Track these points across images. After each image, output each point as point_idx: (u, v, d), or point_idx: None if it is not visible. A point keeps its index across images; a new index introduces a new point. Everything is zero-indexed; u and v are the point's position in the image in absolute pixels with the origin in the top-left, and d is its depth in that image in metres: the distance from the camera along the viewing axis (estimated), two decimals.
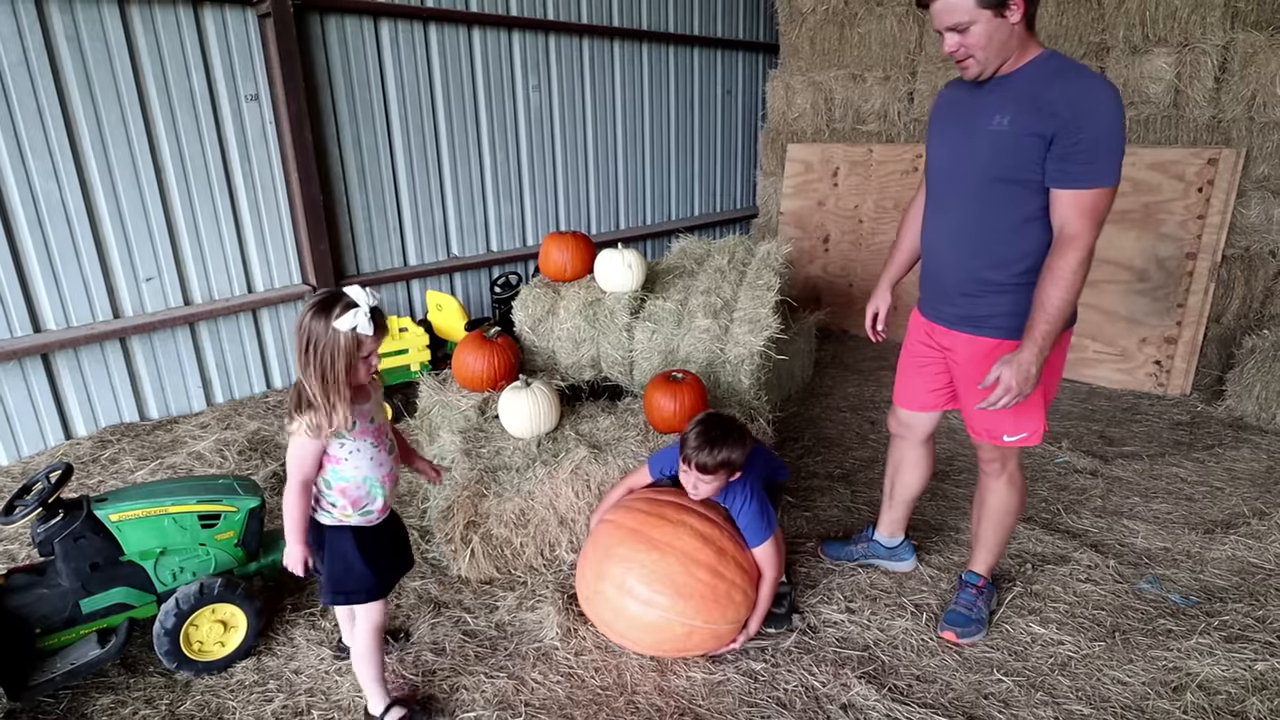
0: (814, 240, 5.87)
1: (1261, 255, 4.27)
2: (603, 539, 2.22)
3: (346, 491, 1.82)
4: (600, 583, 2.17)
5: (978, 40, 1.81)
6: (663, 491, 2.30)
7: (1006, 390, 1.88)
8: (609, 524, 2.25)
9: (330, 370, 1.67)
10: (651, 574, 2.08)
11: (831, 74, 5.84)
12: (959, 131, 2.01)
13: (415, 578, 2.63)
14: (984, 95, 1.93)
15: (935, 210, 2.15)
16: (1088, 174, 1.79)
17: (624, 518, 2.22)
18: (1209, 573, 2.64)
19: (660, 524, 2.14)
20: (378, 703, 1.99)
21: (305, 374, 1.68)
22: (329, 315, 1.66)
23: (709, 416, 2.17)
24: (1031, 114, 1.80)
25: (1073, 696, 2.09)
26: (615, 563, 2.14)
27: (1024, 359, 1.86)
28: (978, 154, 1.94)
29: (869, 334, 2.43)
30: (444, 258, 5.15)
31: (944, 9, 1.80)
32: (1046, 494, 3.21)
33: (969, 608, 2.34)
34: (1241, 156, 4.09)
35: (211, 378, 4.19)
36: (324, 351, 1.66)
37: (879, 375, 4.75)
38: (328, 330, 1.65)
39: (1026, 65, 1.87)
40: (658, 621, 2.10)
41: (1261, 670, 2.15)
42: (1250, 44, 4.08)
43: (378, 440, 1.86)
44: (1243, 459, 3.48)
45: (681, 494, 2.24)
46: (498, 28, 5.06)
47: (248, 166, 4.09)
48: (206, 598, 2.14)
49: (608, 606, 2.16)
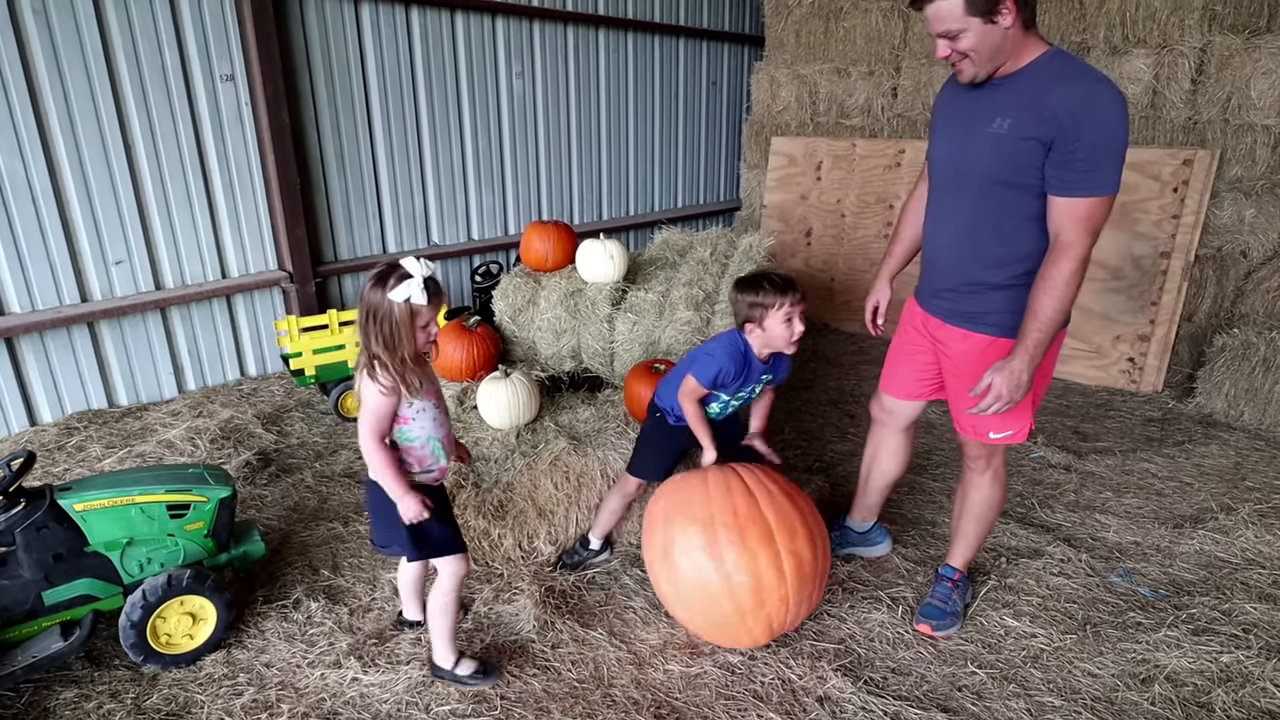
0: (796, 234, 5.87)
1: (1233, 255, 4.33)
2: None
3: (411, 451, 1.90)
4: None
5: (970, 46, 1.80)
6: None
7: (998, 398, 1.89)
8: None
9: (391, 338, 1.76)
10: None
11: (816, 67, 5.83)
12: (959, 131, 2.00)
13: (391, 569, 2.60)
14: (984, 96, 1.91)
15: (936, 206, 2.15)
16: (1085, 182, 1.77)
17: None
18: (1177, 566, 2.68)
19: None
20: (447, 655, 2.06)
21: (369, 343, 1.78)
22: (385, 286, 1.74)
23: (745, 279, 2.22)
24: (1031, 118, 1.78)
25: (1044, 688, 2.11)
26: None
27: (1015, 367, 1.87)
28: (977, 156, 1.93)
29: (869, 327, 2.43)
30: (424, 245, 5.08)
31: (934, 16, 1.79)
32: (1022, 488, 3.25)
33: (944, 601, 2.36)
34: (1216, 158, 4.15)
35: (183, 364, 4.11)
36: (383, 321, 1.76)
37: (859, 369, 4.77)
38: (384, 301, 1.74)
39: (1028, 66, 1.83)
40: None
41: (1227, 662, 2.19)
42: (1227, 47, 4.13)
43: (438, 402, 1.94)
44: (1211, 455, 3.55)
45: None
46: (481, 13, 4.99)
47: (222, 148, 4.00)
48: (175, 589, 2.09)
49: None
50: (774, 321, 2.16)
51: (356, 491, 3.15)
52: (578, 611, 2.42)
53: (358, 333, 1.82)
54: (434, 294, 1.78)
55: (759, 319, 2.17)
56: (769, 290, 2.14)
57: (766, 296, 2.14)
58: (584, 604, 2.46)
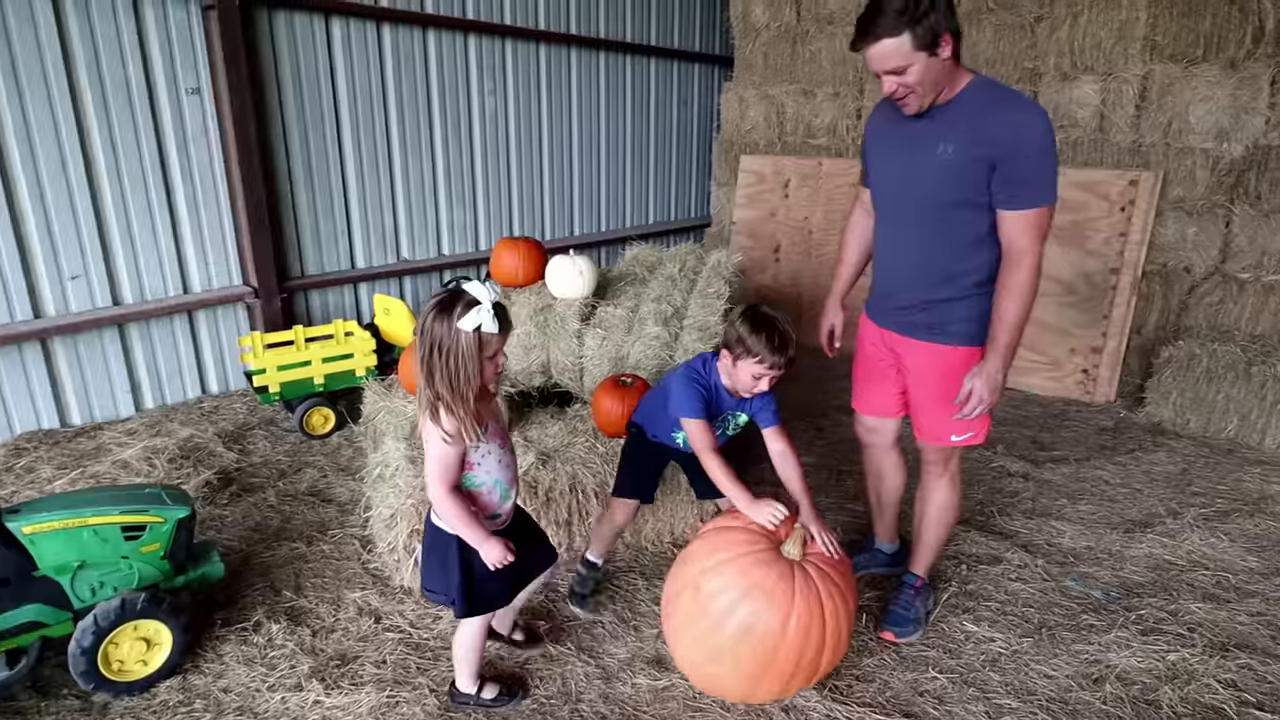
0: (765, 250, 5.97)
1: (1177, 271, 4.51)
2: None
3: (478, 497, 1.79)
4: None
5: (917, 80, 1.87)
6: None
7: (980, 400, 1.98)
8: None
9: (458, 375, 1.60)
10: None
11: (783, 88, 5.97)
12: (903, 158, 2.07)
13: (356, 588, 2.58)
14: (924, 124, 1.99)
15: (888, 229, 2.22)
16: (1030, 195, 1.89)
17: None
18: (1128, 570, 2.77)
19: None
20: (470, 683, 2.03)
21: (432, 381, 1.62)
22: (451, 315, 1.58)
23: (757, 314, 2.04)
24: (975, 142, 1.89)
25: (1002, 691, 2.17)
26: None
27: (991, 370, 1.97)
28: (926, 181, 2.02)
29: (825, 349, 2.48)
30: (394, 261, 5.06)
31: (881, 56, 1.85)
32: (982, 497, 3.33)
33: (907, 608, 2.40)
34: (1159, 179, 4.34)
35: (141, 382, 4.03)
36: (449, 355, 1.59)
37: (826, 383, 4.85)
38: (451, 331, 1.59)
39: (961, 93, 1.94)
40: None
41: (1173, 660, 2.28)
42: (1167, 75, 4.33)
43: (503, 441, 1.82)
44: (1160, 462, 3.67)
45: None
46: (454, 31, 5.02)
47: (186, 162, 3.96)
48: (129, 614, 2.03)
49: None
50: (746, 367, 2.05)
51: (321, 510, 3.11)
52: (546, 628, 2.41)
53: (419, 370, 1.64)
54: (504, 321, 1.64)
55: (737, 355, 2.06)
56: (761, 342, 2.00)
57: (756, 345, 2.00)
58: (552, 620, 2.46)
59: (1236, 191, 4.27)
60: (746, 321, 2.03)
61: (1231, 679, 2.21)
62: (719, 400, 2.18)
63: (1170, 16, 4.30)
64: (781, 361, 2.02)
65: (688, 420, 2.11)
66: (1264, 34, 4.11)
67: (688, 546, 2.07)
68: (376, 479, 2.83)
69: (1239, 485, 3.44)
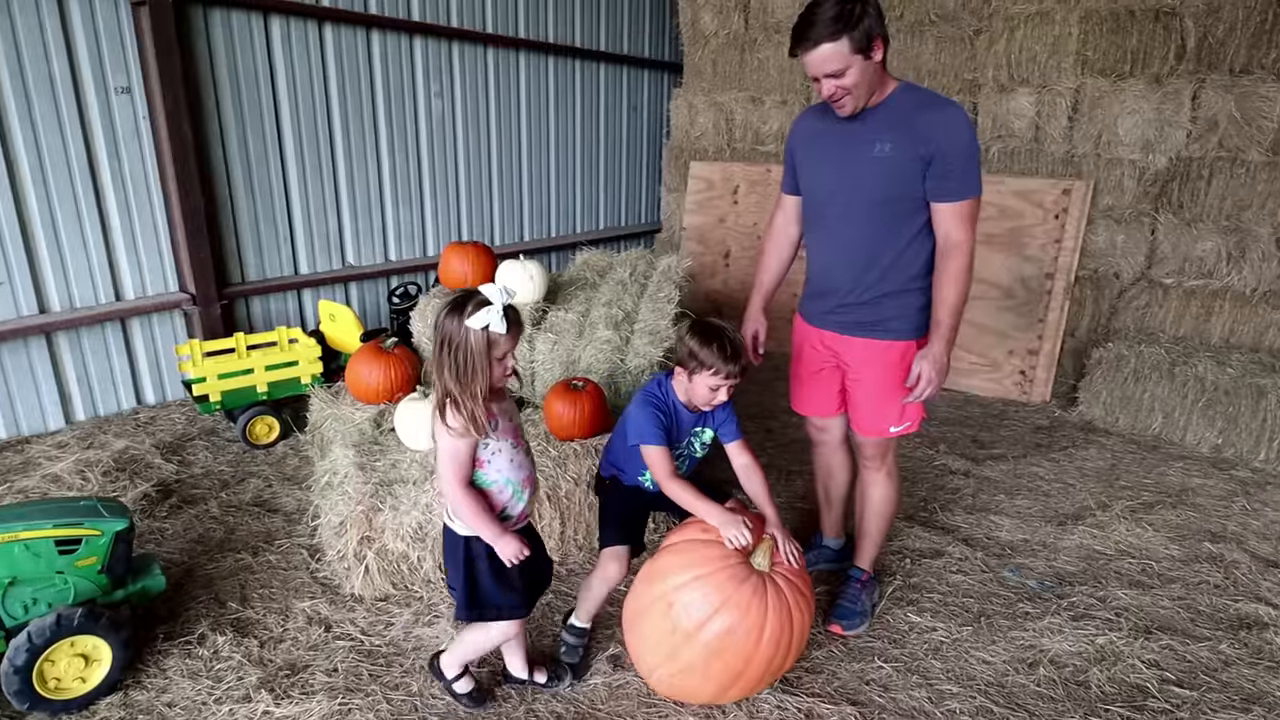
0: (715, 255, 6.05)
1: (1107, 276, 4.74)
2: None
3: (489, 496, 1.80)
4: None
5: (853, 82, 1.97)
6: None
7: (929, 382, 2.07)
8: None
9: (465, 370, 1.66)
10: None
11: (732, 95, 6.07)
12: (840, 158, 2.15)
13: (305, 598, 2.52)
14: (856, 126, 2.09)
15: (822, 231, 2.29)
16: (962, 188, 2.02)
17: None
18: (1060, 560, 2.91)
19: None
20: (454, 666, 2.03)
21: (440, 374, 1.68)
22: (462, 313, 1.64)
23: (705, 326, 2.04)
24: (910, 140, 2.01)
25: (944, 677, 2.25)
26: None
27: (937, 353, 2.07)
28: (864, 180, 2.10)
29: (750, 356, 2.41)
30: (339, 266, 4.97)
31: (820, 60, 1.94)
32: (925, 494, 3.44)
33: (853, 601, 2.48)
34: (1090, 188, 4.55)
35: (71, 393, 3.86)
36: (458, 351, 1.65)
37: (775, 385, 4.93)
38: (461, 329, 1.64)
39: (890, 96, 2.07)
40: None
41: (1101, 644, 2.40)
42: (1097, 88, 4.55)
43: (515, 441, 1.83)
44: (1091, 458, 3.86)
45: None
46: (398, 32, 4.96)
47: (117, 164, 3.82)
48: (65, 630, 1.96)
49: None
50: (702, 380, 2.04)
51: (266, 520, 3.03)
52: None
53: (431, 367, 1.69)
54: (514, 323, 1.68)
55: (691, 369, 2.04)
56: (713, 353, 1.99)
57: (708, 356, 1.99)
58: None
59: (1161, 201, 4.50)
60: (695, 335, 2.03)
61: (1154, 659, 2.34)
62: (679, 420, 2.14)
63: (1100, 33, 4.50)
64: (735, 369, 2.03)
65: (647, 448, 2.05)
66: (1185, 51, 4.34)
67: (655, 560, 2.06)
68: (325, 487, 2.77)
69: (1163, 479, 3.63)
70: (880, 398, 2.26)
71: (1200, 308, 4.38)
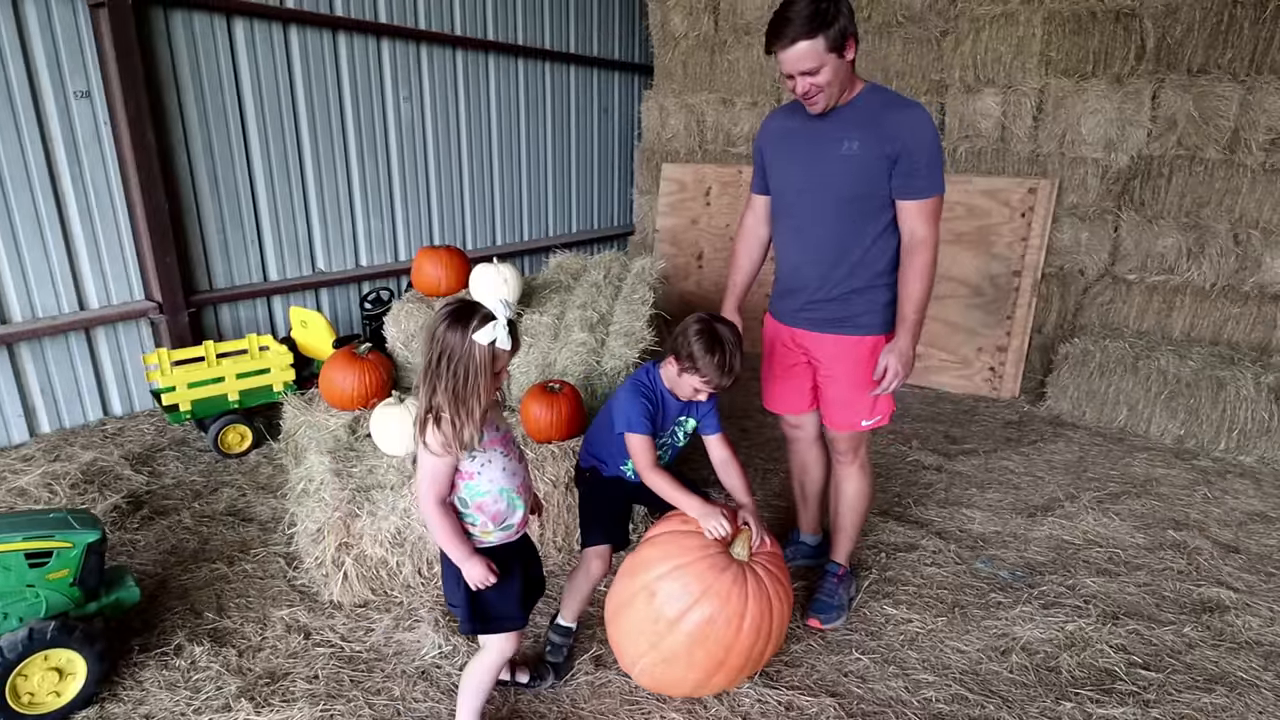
0: (688, 257, 6.09)
1: (1073, 273, 4.86)
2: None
3: (484, 507, 1.75)
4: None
5: (827, 80, 2.01)
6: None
7: (895, 375, 2.12)
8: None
9: (464, 385, 1.60)
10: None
11: (703, 97, 6.10)
12: (809, 156, 2.19)
13: (283, 606, 2.50)
14: (824, 124, 2.14)
15: (792, 230, 2.32)
16: (927, 186, 2.08)
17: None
18: (1031, 551, 2.98)
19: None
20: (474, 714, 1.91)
21: (436, 387, 1.61)
22: (466, 327, 1.58)
23: (713, 335, 2.02)
24: (877, 139, 2.06)
25: (920, 667, 2.30)
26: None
27: (903, 346, 2.12)
28: (832, 177, 2.14)
29: None
30: (309, 273, 4.91)
31: (797, 57, 1.98)
32: (899, 489, 3.50)
33: (831, 595, 2.51)
34: (1055, 186, 4.66)
35: (35, 405, 3.77)
36: (459, 365, 1.59)
37: (749, 385, 4.94)
38: (464, 342, 1.59)
39: (858, 96, 2.12)
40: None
41: (1071, 630, 2.47)
42: (1061, 89, 4.66)
43: (506, 449, 1.79)
44: (1059, 451, 3.95)
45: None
46: (365, 35, 4.92)
47: (78, 170, 3.74)
48: (38, 644, 1.93)
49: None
50: (689, 380, 2.06)
51: (241, 530, 2.99)
52: None
53: (420, 380, 1.64)
54: (515, 338, 1.65)
55: (683, 367, 2.05)
56: (711, 364, 2.00)
57: (706, 366, 2.01)
58: None
59: (1123, 199, 4.62)
60: (701, 340, 2.02)
61: (1122, 644, 2.41)
62: (665, 408, 2.16)
63: (1063, 34, 4.61)
64: (727, 385, 2.05)
65: (632, 436, 2.07)
66: (1145, 52, 4.46)
67: (636, 553, 2.08)
68: (301, 494, 2.75)
69: (1128, 470, 3.74)
70: (852, 392, 2.31)
71: (1162, 303, 4.50)
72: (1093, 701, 2.16)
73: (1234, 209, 4.27)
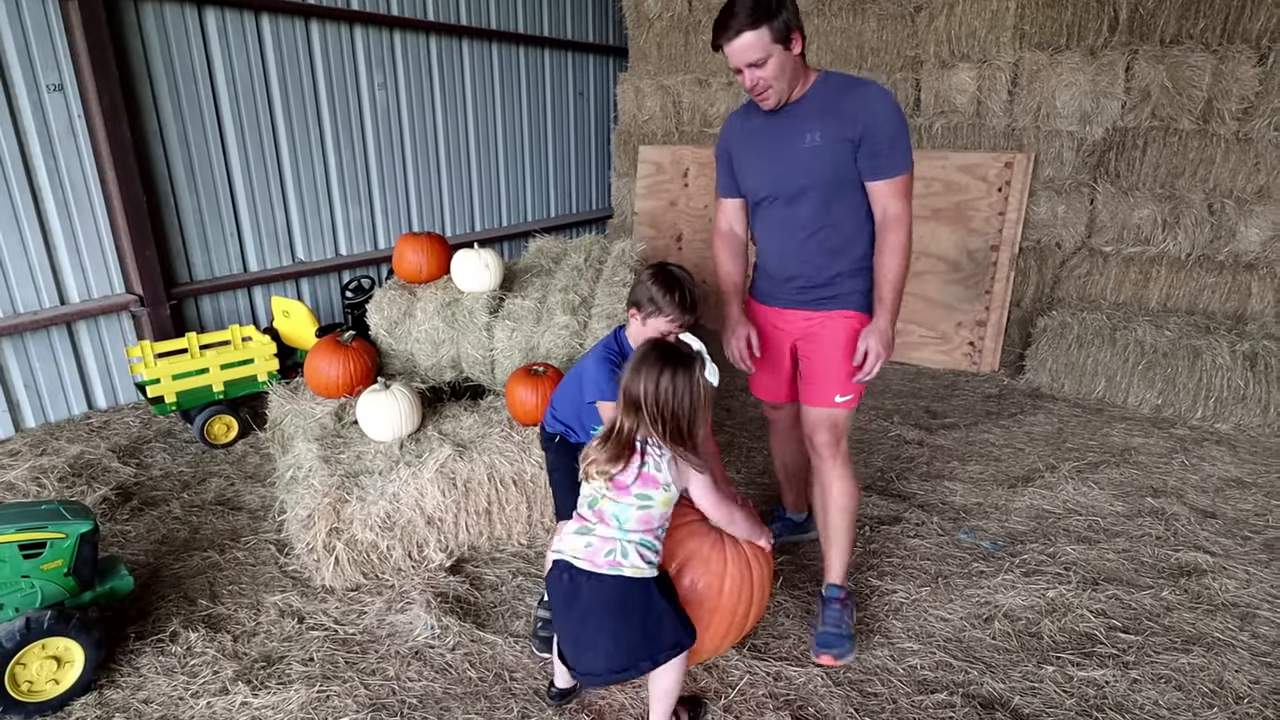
0: (668, 239, 6.09)
1: (1050, 247, 4.91)
2: None
3: (663, 539, 1.88)
4: None
5: (773, 73, 2.02)
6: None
7: (877, 356, 2.11)
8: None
9: (694, 419, 1.78)
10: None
11: (679, 78, 6.08)
12: (773, 153, 2.20)
13: (275, 591, 2.52)
14: (785, 120, 2.15)
15: (774, 225, 2.30)
16: (894, 164, 2.08)
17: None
18: (1012, 521, 3.04)
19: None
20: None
21: (666, 429, 1.76)
22: (692, 371, 1.77)
23: (668, 275, 2.13)
24: (837, 125, 2.07)
25: (904, 636, 2.36)
26: None
27: (882, 327, 2.12)
28: (800, 171, 2.15)
29: (742, 364, 2.40)
30: (289, 263, 4.88)
31: (742, 49, 1.99)
32: (882, 464, 3.55)
33: (838, 625, 2.27)
34: (1031, 160, 4.69)
35: (19, 400, 3.75)
36: (687, 402, 1.77)
37: (730, 366, 5.01)
38: (698, 384, 1.78)
39: (813, 87, 2.13)
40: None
41: (1052, 597, 2.53)
42: (1035, 62, 4.67)
43: None
44: (1039, 423, 4.02)
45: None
46: (338, 22, 4.86)
47: (53, 164, 3.69)
48: (35, 633, 1.95)
49: None
50: (656, 324, 2.10)
51: (231, 518, 3.00)
52: (473, 614, 2.44)
53: (652, 427, 1.77)
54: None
55: (646, 313, 2.11)
56: (673, 302, 2.08)
57: (668, 305, 2.08)
58: (478, 607, 2.49)
59: (1099, 171, 4.65)
60: (658, 282, 2.11)
61: (1101, 608, 2.47)
62: None
63: (1036, 7, 4.61)
64: (691, 320, 2.12)
65: (604, 404, 2.08)
66: (1119, 24, 4.47)
67: None
68: (290, 482, 2.76)
69: (1107, 440, 3.81)
70: (836, 365, 2.25)
71: (1138, 274, 4.56)
72: (1074, 665, 2.22)
73: (1208, 179, 4.32)
